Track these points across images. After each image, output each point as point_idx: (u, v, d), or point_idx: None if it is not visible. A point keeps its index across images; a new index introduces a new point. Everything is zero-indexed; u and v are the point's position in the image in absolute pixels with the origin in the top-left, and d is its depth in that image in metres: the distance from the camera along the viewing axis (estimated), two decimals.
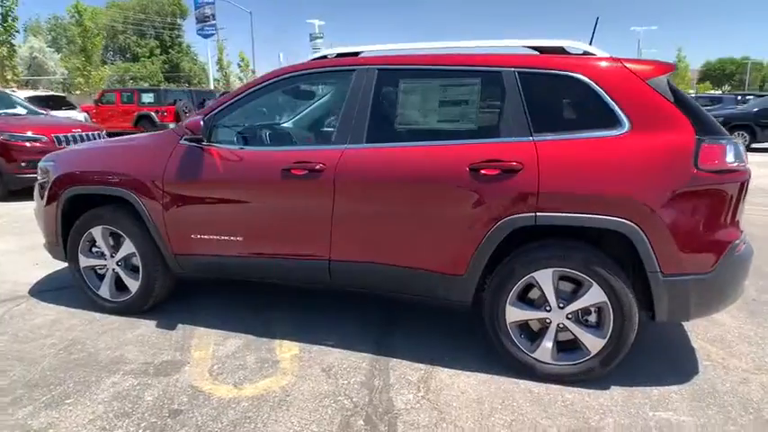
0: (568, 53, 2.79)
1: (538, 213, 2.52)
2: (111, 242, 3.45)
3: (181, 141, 3.18)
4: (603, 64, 2.62)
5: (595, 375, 2.64)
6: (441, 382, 2.72)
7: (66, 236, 3.53)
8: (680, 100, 2.55)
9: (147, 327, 3.33)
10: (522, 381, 2.72)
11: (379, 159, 2.79)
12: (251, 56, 41.74)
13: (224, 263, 3.18)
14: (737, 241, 2.51)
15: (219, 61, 36.57)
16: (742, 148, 2.53)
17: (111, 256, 3.45)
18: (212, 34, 29.04)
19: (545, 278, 2.61)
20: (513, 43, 2.89)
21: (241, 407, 2.49)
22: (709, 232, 2.46)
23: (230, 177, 3.03)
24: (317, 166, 2.84)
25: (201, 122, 2.97)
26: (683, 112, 2.50)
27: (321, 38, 45.97)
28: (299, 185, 2.89)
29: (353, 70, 2.95)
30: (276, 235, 3.02)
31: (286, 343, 3.13)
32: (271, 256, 3.07)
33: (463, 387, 2.68)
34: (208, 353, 3.01)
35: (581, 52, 2.77)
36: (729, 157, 2.46)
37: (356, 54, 3.10)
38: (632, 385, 2.67)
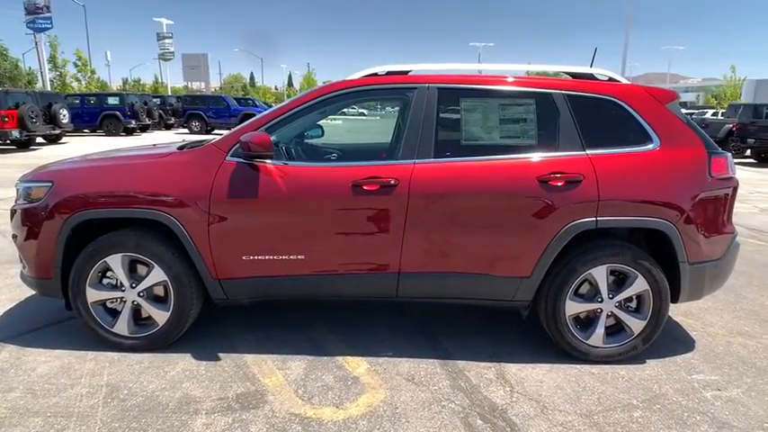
0: (597, 79, 3.25)
1: (599, 218, 2.92)
2: (129, 271, 3.07)
3: (228, 158, 2.97)
4: (632, 89, 3.12)
5: (637, 352, 3.13)
6: (515, 376, 2.97)
7: (65, 268, 3.05)
8: (688, 121, 3.16)
9: (186, 361, 3.03)
10: (577, 365, 3.10)
11: (451, 173, 2.96)
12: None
13: (281, 283, 3.04)
14: (736, 233, 3.19)
15: (53, 59, 31.89)
16: (732, 160, 3.22)
17: (132, 287, 3.06)
18: (47, 28, 25.13)
19: (600, 273, 3.02)
20: (550, 68, 3.28)
21: (362, 426, 2.48)
22: (720, 226, 3.09)
23: (293, 194, 2.93)
24: (391, 181, 2.90)
25: (271, 138, 2.83)
26: (693, 131, 3.11)
27: (170, 37, 42.96)
28: (372, 200, 2.92)
29: (414, 88, 3.06)
30: (343, 251, 3.00)
31: (349, 359, 3.12)
32: (335, 273, 3.03)
33: (537, 377, 2.97)
34: (279, 378, 2.88)
35: (607, 78, 3.25)
36: (729, 167, 3.12)
37: (406, 72, 3.22)
38: (659, 357, 3.21)
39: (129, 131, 22.37)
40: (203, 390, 2.75)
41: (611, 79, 3.24)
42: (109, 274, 3.09)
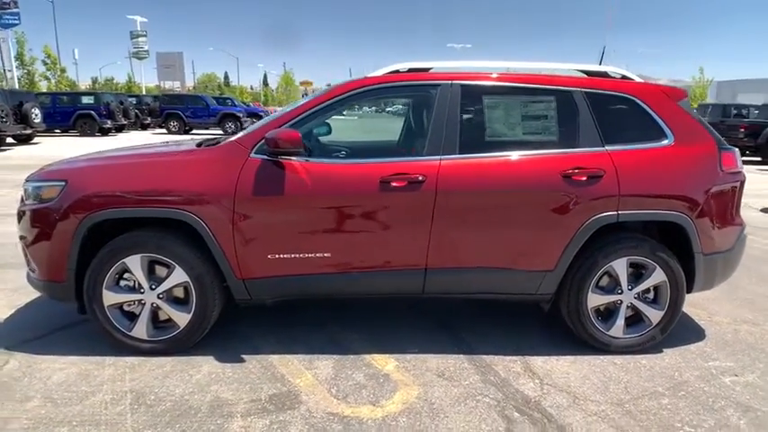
0: (611, 77, 3.32)
1: (620, 212, 2.98)
2: (149, 272, 2.99)
3: (252, 155, 2.92)
4: (647, 87, 3.19)
5: (656, 342, 3.20)
6: (542, 369, 3.01)
7: (78, 270, 2.95)
8: (698, 118, 3.25)
9: (210, 364, 2.97)
10: (600, 356, 3.16)
11: (477, 169, 2.97)
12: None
13: (306, 281, 3.01)
14: (744, 224, 3.29)
15: (20, 56, 30.70)
16: (739, 155, 3.32)
17: (152, 289, 2.98)
18: (14, 24, 24.27)
19: (620, 266, 3.08)
20: (566, 66, 3.33)
21: (402, 423, 2.47)
22: (731, 218, 3.19)
23: (319, 191, 2.90)
24: (419, 177, 2.90)
25: (300, 135, 2.80)
26: (703, 127, 3.20)
27: (145, 35, 41.96)
28: (399, 197, 2.92)
29: (438, 85, 3.07)
30: (370, 248, 2.98)
31: (376, 356, 3.10)
32: (362, 270, 3.01)
33: (563, 369, 3.01)
34: (309, 378, 2.84)
35: (620, 76, 3.32)
36: (737, 161, 3.22)
37: (427, 69, 3.22)
38: (674, 346, 3.30)
39: (105, 132, 21.74)
40: (233, 392, 2.70)
41: (623, 77, 3.31)
42: (126, 275, 3.01)
